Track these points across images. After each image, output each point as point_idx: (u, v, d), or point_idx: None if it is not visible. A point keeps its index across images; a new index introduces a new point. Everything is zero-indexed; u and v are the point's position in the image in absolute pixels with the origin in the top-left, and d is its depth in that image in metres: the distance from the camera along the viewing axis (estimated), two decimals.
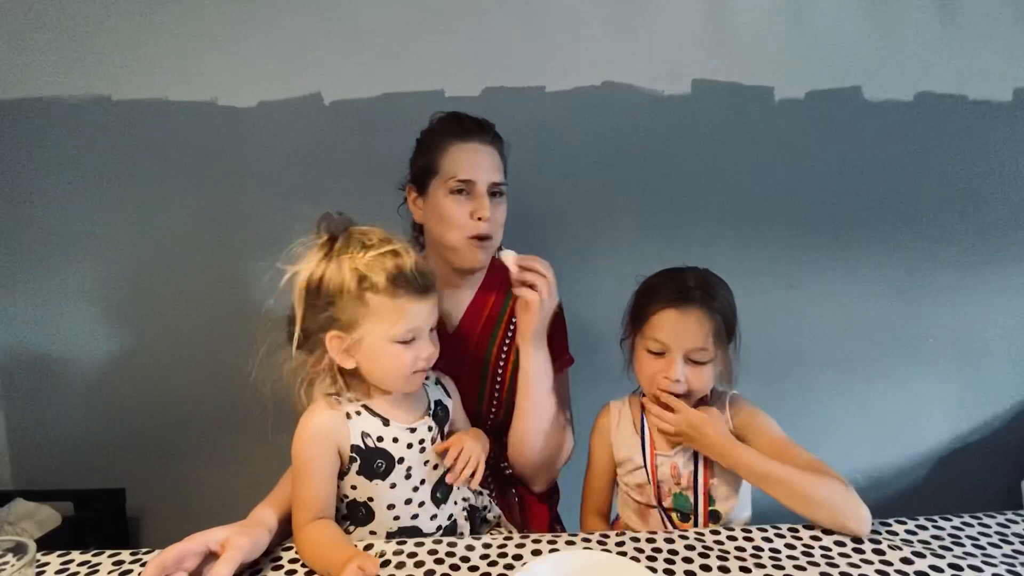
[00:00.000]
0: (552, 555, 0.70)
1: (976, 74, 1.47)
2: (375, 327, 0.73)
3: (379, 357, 0.74)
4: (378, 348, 0.74)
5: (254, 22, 1.38)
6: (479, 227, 0.91)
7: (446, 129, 0.95)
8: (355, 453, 0.75)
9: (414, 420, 0.80)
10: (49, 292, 1.46)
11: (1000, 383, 1.60)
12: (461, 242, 0.93)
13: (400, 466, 0.77)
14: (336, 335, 0.73)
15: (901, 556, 0.73)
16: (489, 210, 0.91)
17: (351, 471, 0.76)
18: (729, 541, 0.77)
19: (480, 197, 0.91)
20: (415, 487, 0.79)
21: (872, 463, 1.61)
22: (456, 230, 0.92)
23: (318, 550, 0.71)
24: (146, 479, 1.51)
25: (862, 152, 1.49)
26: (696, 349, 0.83)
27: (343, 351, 0.74)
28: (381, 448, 0.76)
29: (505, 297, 1.01)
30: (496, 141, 0.96)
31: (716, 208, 1.49)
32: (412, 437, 0.78)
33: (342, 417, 0.75)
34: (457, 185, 0.91)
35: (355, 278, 0.71)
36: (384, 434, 0.77)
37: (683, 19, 1.42)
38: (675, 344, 0.83)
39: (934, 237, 1.52)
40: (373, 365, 0.75)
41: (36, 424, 1.50)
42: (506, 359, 0.98)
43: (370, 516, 0.78)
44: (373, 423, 0.77)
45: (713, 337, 0.83)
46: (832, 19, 1.43)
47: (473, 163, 0.92)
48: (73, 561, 0.74)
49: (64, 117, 1.40)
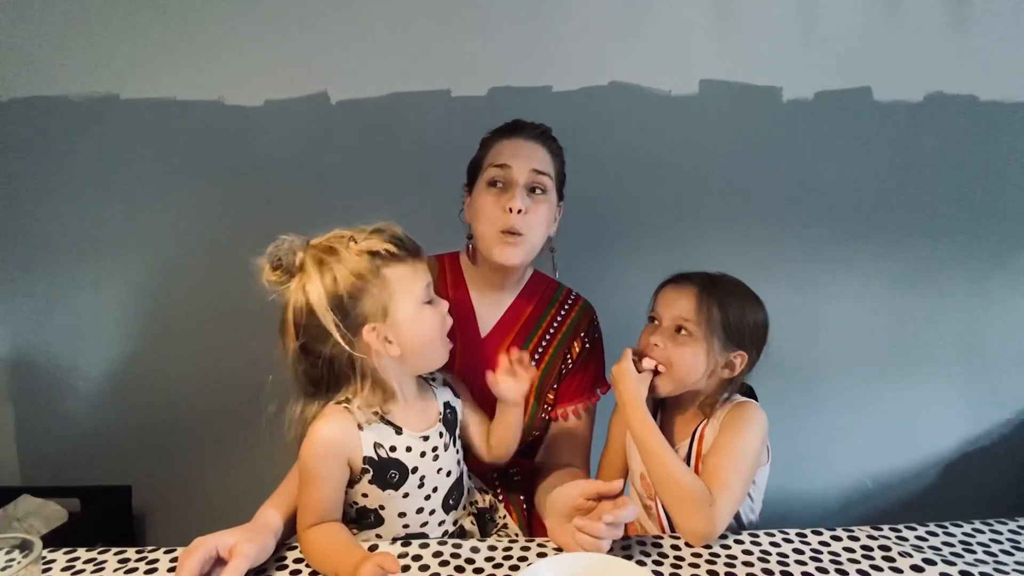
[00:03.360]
0: (556, 556, 0.70)
1: (986, 75, 1.45)
2: (402, 298, 0.73)
3: (417, 326, 0.74)
4: (414, 317, 0.74)
5: (261, 22, 1.38)
6: (508, 220, 0.87)
7: (499, 130, 0.95)
8: (368, 464, 0.75)
9: (426, 427, 0.79)
10: (57, 290, 1.47)
11: (1010, 388, 1.58)
12: (492, 235, 0.89)
13: (414, 476, 0.77)
14: (371, 327, 0.72)
15: (911, 563, 0.72)
16: (523, 203, 0.87)
17: (363, 480, 0.76)
18: (736, 545, 0.76)
19: (514, 187, 0.88)
20: (427, 495, 0.79)
21: (881, 468, 1.60)
22: (488, 222, 0.89)
23: (325, 552, 0.71)
24: (153, 476, 1.52)
25: (871, 153, 1.47)
26: (681, 319, 0.85)
27: (384, 340, 0.73)
28: (394, 459, 0.76)
29: (544, 310, 1.00)
30: (546, 139, 0.94)
31: (723, 209, 1.48)
32: (425, 445, 0.78)
33: (354, 427, 0.74)
34: (494, 173, 0.89)
35: (367, 261, 0.71)
36: (397, 443, 0.76)
37: (691, 19, 1.41)
38: (664, 312, 0.88)
39: (944, 239, 1.51)
40: (414, 338, 0.74)
41: (43, 421, 1.51)
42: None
43: (379, 522, 0.78)
44: (386, 432, 0.76)
45: (703, 319, 0.84)
46: (841, 19, 1.42)
47: (512, 152, 0.90)
48: (79, 558, 0.74)
49: (71, 116, 1.41)
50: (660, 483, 0.80)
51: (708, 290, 0.86)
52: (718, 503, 0.76)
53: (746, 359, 0.86)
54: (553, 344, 0.98)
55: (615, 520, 0.67)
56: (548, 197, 0.92)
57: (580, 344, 0.99)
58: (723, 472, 0.79)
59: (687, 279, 0.88)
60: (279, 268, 0.73)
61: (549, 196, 0.92)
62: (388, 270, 0.72)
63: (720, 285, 0.87)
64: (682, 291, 0.87)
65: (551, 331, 0.99)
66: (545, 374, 0.97)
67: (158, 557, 0.74)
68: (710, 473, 0.79)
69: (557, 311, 1.00)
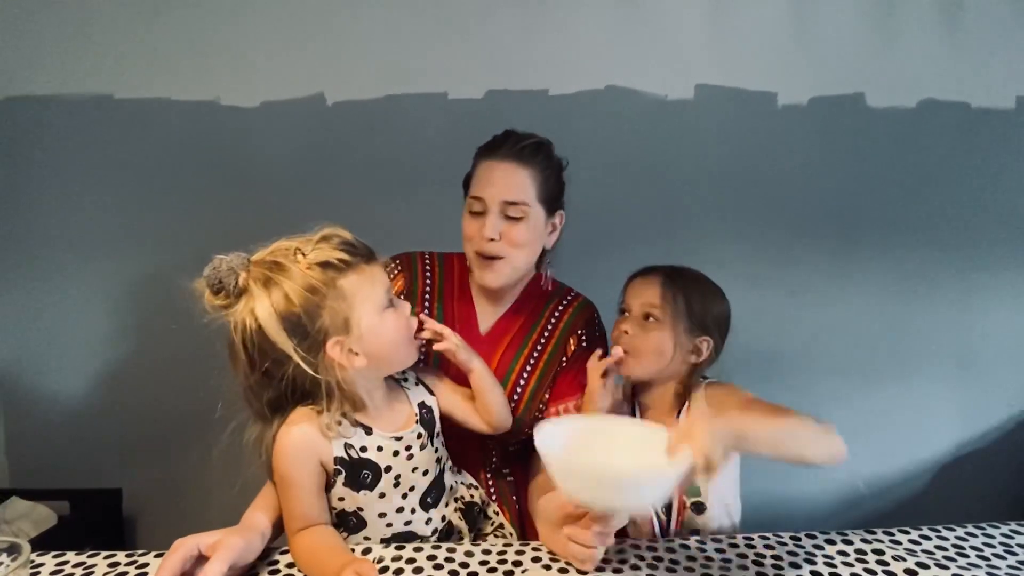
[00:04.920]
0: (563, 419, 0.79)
1: (978, 81, 1.47)
2: (362, 307, 0.70)
3: (380, 333, 0.72)
4: (376, 325, 0.71)
5: (257, 22, 1.38)
6: (483, 245, 0.90)
7: (486, 147, 0.94)
8: (339, 465, 0.73)
9: (398, 428, 0.78)
10: (47, 292, 1.45)
11: (1003, 391, 1.59)
12: (472, 257, 0.93)
13: (388, 475, 0.76)
14: (334, 341, 0.70)
15: (905, 567, 0.72)
16: (497, 230, 0.89)
17: (337, 483, 0.74)
18: (731, 549, 0.76)
19: (489, 216, 0.89)
20: (404, 495, 0.78)
21: (874, 471, 1.60)
22: (468, 245, 0.93)
23: (313, 556, 0.70)
24: (142, 479, 1.50)
25: (864, 158, 1.48)
26: (648, 306, 0.90)
27: (348, 353, 0.71)
28: (366, 459, 0.74)
29: (542, 309, 1.01)
30: (527, 159, 0.91)
31: (717, 213, 1.48)
32: (398, 445, 0.77)
33: (322, 428, 0.72)
34: (473, 204, 0.91)
35: (319, 274, 0.68)
36: (368, 443, 0.75)
37: (686, 24, 1.42)
38: (633, 302, 0.93)
39: (936, 244, 1.52)
40: (380, 345, 0.72)
41: (33, 423, 1.50)
42: (528, 377, 0.97)
43: (361, 525, 0.77)
44: (355, 432, 0.75)
45: (669, 306, 0.89)
46: (835, 26, 1.43)
47: (486, 180, 0.90)
48: (68, 562, 0.73)
49: (65, 116, 1.39)
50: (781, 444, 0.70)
51: (672, 279, 0.91)
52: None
53: (711, 344, 0.91)
54: (552, 342, 0.99)
55: (604, 529, 0.67)
56: (528, 219, 0.91)
57: (576, 341, 0.99)
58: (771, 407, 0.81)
59: (653, 271, 0.94)
60: (220, 291, 0.69)
61: (529, 218, 0.91)
62: (343, 280, 0.69)
63: (683, 275, 0.93)
64: (648, 281, 0.92)
65: (548, 328, 0.99)
66: (544, 371, 0.98)
67: (148, 561, 0.73)
68: (770, 412, 0.79)
69: (554, 309, 1.01)
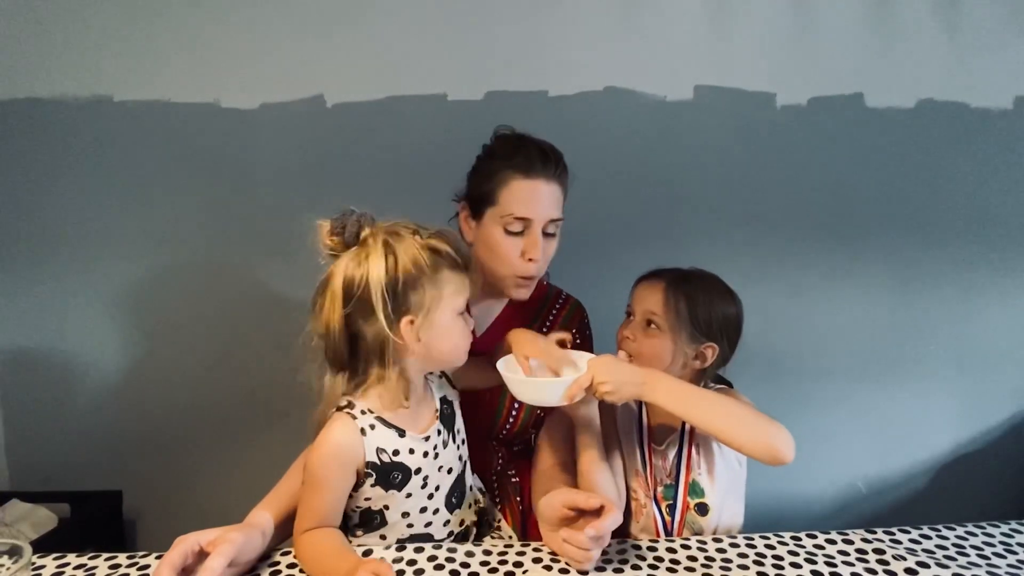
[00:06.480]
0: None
1: (977, 82, 1.47)
2: (447, 302, 0.74)
3: (448, 332, 0.76)
4: (448, 323, 0.75)
5: (257, 24, 1.38)
6: (528, 268, 0.90)
7: (510, 157, 0.91)
8: (370, 469, 0.75)
9: (427, 427, 0.80)
10: (47, 293, 1.45)
11: (1002, 391, 1.59)
12: (507, 276, 0.92)
13: (417, 476, 0.77)
14: (410, 319, 0.73)
15: (905, 566, 0.72)
16: (541, 249, 0.89)
17: (366, 484, 0.76)
18: (732, 549, 0.76)
19: (534, 236, 0.89)
20: (430, 495, 0.79)
21: (874, 471, 1.60)
22: (504, 265, 0.91)
23: (319, 557, 0.71)
24: (143, 481, 1.50)
25: (864, 159, 1.48)
26: (650, 312, 0.89)
27: (416, 336, 0.74)
28: (398, 462, 0.76)
29: (536, 310, 1.01)
30: (561, 175, 0.92)
31: (717, 214, 1.48)
32: (427, 445, 0.78)
33: (359, 434, 0.74)
34: (513, 224, 0.89)
35: (428, 258, 0.72)
36: (400, 447, 0.76)
37: (686, 24, 1.42)
38: (637, 307, 0.92)
39: (935, 245, 1.52)
40: (441, 342, 0.76)
41: (33, 425, 1.49)
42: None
43: (383, 523, 0.78)
44: (388, 435, 0.76)
45: (671, 314, 0.88)
46: (834, 26, 1.43)
47: (533, 200, 0.89)
48: (69, 564, 0.73)
49: (65, 118, 1.39)
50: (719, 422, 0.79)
51: (676, 285, 0.89)
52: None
53: (717, 351, 0.89)
54: None
55: (598, 533, 0.68)
56: (559, 228, 0.94)
57: (571, 341, 1.00)
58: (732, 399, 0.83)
59: (658, 275, 0.92)
60: (338, 235, 0.72)
61: (560, 227, 0.94)
62: (444, 272, 0.74)
63: (690, 280, 0.90)
64: (652, 287, 0.91)
65: (545, 329, 1.01)
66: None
67: (149, 563, 0.73)
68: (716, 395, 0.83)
69: (549, 310, 1.02)
